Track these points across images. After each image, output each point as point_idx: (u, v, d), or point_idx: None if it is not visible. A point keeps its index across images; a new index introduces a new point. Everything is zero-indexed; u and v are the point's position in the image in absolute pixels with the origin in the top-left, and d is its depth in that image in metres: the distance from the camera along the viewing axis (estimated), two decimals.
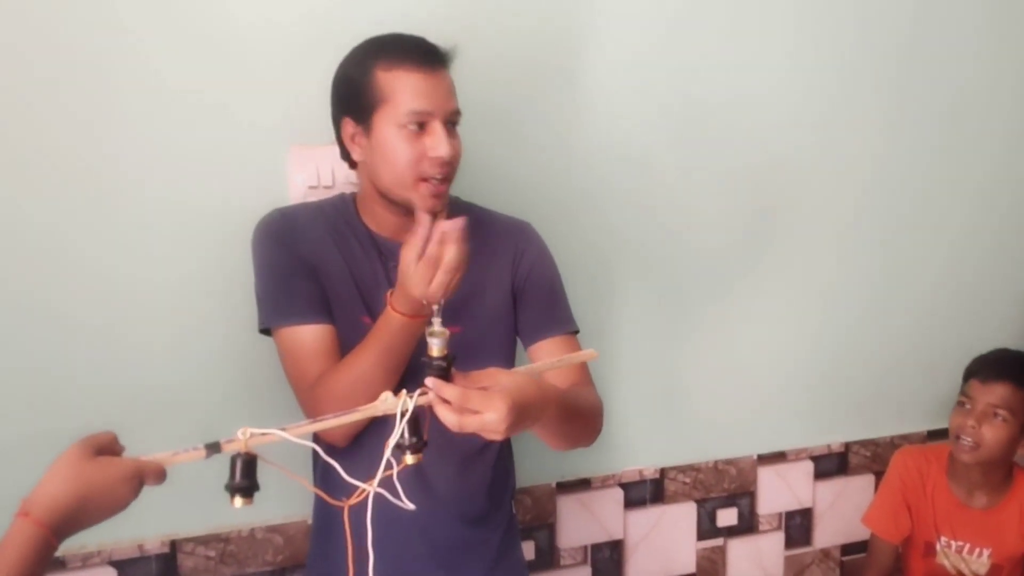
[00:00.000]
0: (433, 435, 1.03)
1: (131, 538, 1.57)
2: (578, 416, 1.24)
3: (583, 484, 1.87)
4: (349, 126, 1.28)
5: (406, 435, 1.00)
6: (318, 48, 1.52)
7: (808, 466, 2.07)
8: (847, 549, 2.12)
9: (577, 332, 1.42)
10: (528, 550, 1.82)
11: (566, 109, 1.76)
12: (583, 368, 1.37)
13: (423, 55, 1.24)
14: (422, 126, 1.23)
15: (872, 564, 1.95)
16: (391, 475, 1.01)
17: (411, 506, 1.01)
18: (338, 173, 1.57)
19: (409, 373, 1.03)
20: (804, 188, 1.97)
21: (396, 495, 1.01)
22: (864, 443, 2.11)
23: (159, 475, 0.97)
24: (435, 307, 1.01)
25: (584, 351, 1.13)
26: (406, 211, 1.28)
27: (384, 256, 1.33)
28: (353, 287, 1.32)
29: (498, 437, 1.00)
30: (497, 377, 1.02)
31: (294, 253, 1.30)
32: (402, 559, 1.33)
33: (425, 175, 1.24)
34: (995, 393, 1.77)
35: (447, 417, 0.99)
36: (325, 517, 1.40)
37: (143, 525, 1.57)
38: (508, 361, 1.41)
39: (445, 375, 1.01)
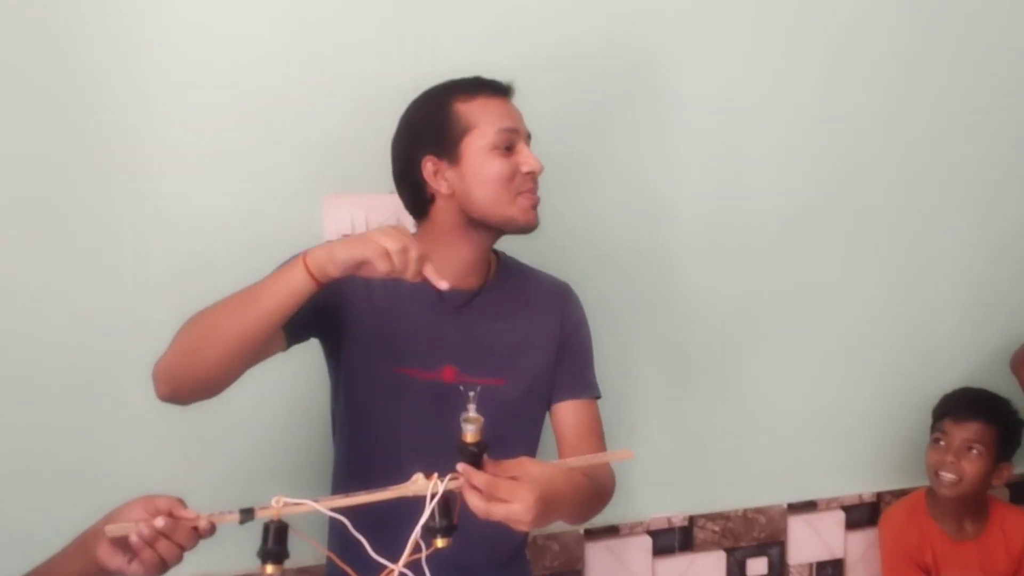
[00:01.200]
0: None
1: None
2: (596, 502, 1.27)
3: (611, 531, 1.87)
4: (430, 163, 1.32)
5: (436, 517, 1.02)
6: (352, 102, 1.60)
7: (839, 515, 2.05)
8: None
9: (599, 398, 1.45)
10: None
11: (592, 162, 1.79)
12: (602, 438, 1.40)
13: (497, 86, 1.35)
14: (510, 148, 1.30)
15: None
16: (420, 557, 1.02)
17: None
18: (371, 221, 1.61)
19: (441, 456, 1.04)
20: (825, 234, 1.98)
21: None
22: (896, 493, 2.08)
23: (191, 536, 1.00)
24: (471, 393, 1.02)
25: (620, 451, 1.13)
26: (490, 247, 1.36)
27: (446, 303, 1.35)
28: (392, 337, 1.34)
29: (524, 528, 1.01)
30: (527, 467, 1.04)
31: (336, 284, 1.21)
32: None
33: (520, 189, 1.31)
34: (969, 429, 1.89)
35: (476, 504, 1.01)
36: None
37: (180, 567, 1.59)
38: (540, 417, 1.43)
39: (477, 462, 1.02)
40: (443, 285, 1.12)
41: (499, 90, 1.34)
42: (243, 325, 1.14)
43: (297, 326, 1.26)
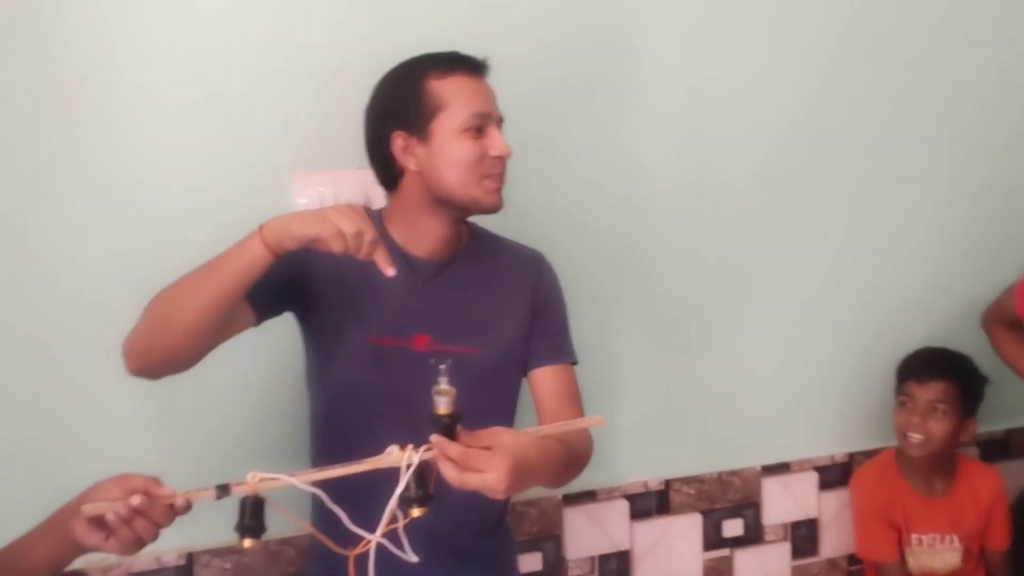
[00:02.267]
0: None
1: (150, 551, 1.59)
2: (572, 467, 1.29)
3: (588, 496, 1.90)
4: (400, 139, 1.33)
5: (412, 488, 1.03)
6: (320, 77, 1.59)
7: (812, 476, 2.10)
8: (854, 559, 2.14)
9: (575, 364, 1.47)
10: (535, 561, 1.87)
11: (565, 131, 1.80)
12: (579, 402, 1.42)
13: (472, 64, 1.34)
14: (480, 130, 1.30)
15: None
16: (397, 527, 1.04)
17: (415, 558, 1.04)
18: (339, 197, 1.61)
19: (417, 424, 1.05)
20: (802, 202, 2.01)
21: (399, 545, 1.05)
22: (868, 453, 2.12)
23: (167, 513, 1.03)
24: (442, 366, 1.04)
25: (592, 418, 1.16)
26: (458, 220, 1.37)
27: (414, 272, 1.36)
28: (363, 306, 1.36)
29: (499, 496, 1.03)
30: (500, 437, 1.05)
31: (303, 256, 1.25)
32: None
33: (487, 173, 1.32)
34: (933, 390, 1.94)
35: (450, 474, 1.02)
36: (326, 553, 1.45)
37: (162, 538, 1.60)
38: (516, 384, 1.46)
39: (450, 433, 1.04)
40: (390, 272, 1.15)
41: (474, 69, 1.33)
42: (205, 297, 1.16)
43: (264, 299, 1.28)
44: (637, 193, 1.87)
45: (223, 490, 1.04)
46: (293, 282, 1.32)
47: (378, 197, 1.49)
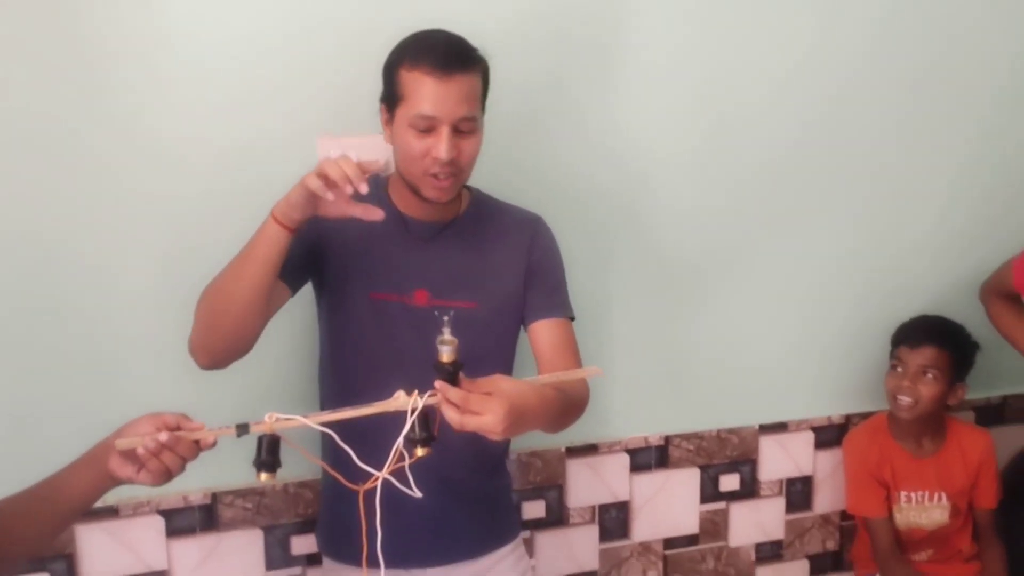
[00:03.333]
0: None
1: (177, 490, 1.72)
2: (569, 414, 1.37)
3: (591, 449, 2.00)
4: (383, 111, 1.42)
5: (416, 430, 1.12)
6: (345, 47, 1.67)
7: (809, 436, 2.18)
8: (845, 515, 2.23)
9: (573, 319, 1.55)
10: (539, 509, 1.97)
11: (580, 104, 1.87)
12: (576, 354, 1.50)
13: (442, 60, 1.33)
14: (429, 129, 1.34)
15: (876, 543, 2.08)
16: (404, 466, 1.13)
17: (419, 494, 1.14)
18: (362, 160, 1.66)
19: (420, 374, 1.14)
20: (809, 170, 2.06)
21: (407, 483, 1.14)
22: (863, 415, 2.20)
23: (192, 448, 1.13)
24: (445, 318, 1.12)
25: (588, 368, 1.25)
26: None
27: (412, 234, 1.45)
28: (366, 264, 1.45)
29: (496, 437, 1.12)
30: (499, 383, 1.14)
31: (314, 226, 1.37)
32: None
33: (428, 170, 1.36)
34: (924, 355, 2.01)
35: (451, 416, 1.12)
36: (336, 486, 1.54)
37: (188, 479, 1.66)
38: (514, 336, 1.55)
39: (453, 379, 1.13)
40: (377, 215, 1.26)
41: (443, 67, 1.32)
42: (245, 287, 1.29)
43: (293, 274, 1.41)
44: (642, 156, 1.93)
45: (243, 428, 1.14)
46: (310, 250, 1.44)
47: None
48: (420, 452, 1.13)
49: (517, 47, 1.76)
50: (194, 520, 1.74)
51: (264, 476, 1.13)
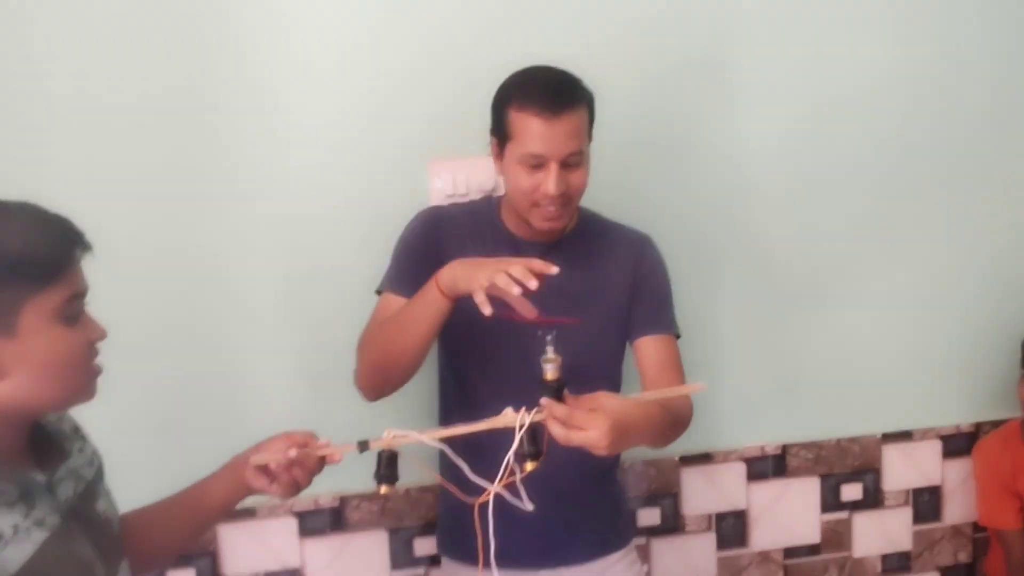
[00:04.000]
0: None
1: (309, 494, 1.80)
2: (673, 429, 1.39)
3: (705, 458, 2.00)
4: (493, 144, 1.48)
5: (525, 445, 1.17)
6: (456, 75, 1.76)
7: (936, 445, 2.10)
8: (979, 527, 2.14)
9: (679, 337, 1.56)
10: (654, 516, 1.99)
11: (687, 123, 1.90)
12: (681, 370, 1.51)
13: (549, 101, 1.38)
14: (538, 166, 1.40)
15: (1010, 556, 2.01)
16: (515, 480, 1.18)
17: (531, 507, 1.18)
18: (472, 182, 1.78)
19: (523, 391, 1.19)
20: (923, 176, 2.01)
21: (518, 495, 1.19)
22: (994, 423, 2.11)
23: (319, 464, 1.22)
24: (549, 337, 1.17)
25: (692, 384, 1.27)
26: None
27: (522, 254, 1.50)
28: None
29: (601, 452, 1.15)
30: (602, 400, 1.18)
31: (429, 240, 1.51)
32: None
33: (538, 204, 1.42)
34: None
35: (557, 432, 1.16)
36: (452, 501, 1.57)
37: (318, 484, 1.78)
38: (619, 352, 1.57)
39: (558, 396, 1.17)
40: (553, 270, 1.29)
41: (550, 108, 1.37)
42: (412, 344, 1.40)
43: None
44: (753, 169, 1.93)
45: (363, 445, 1.22)
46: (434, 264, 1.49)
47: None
48: (529, 466, 1.18)
49: (624, 73, 1.80)
50: (324, 521, 1.85)
51: (384, 489, 1.21)
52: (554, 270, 1.28)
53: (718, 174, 1.92)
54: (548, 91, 1.39)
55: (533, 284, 1.24)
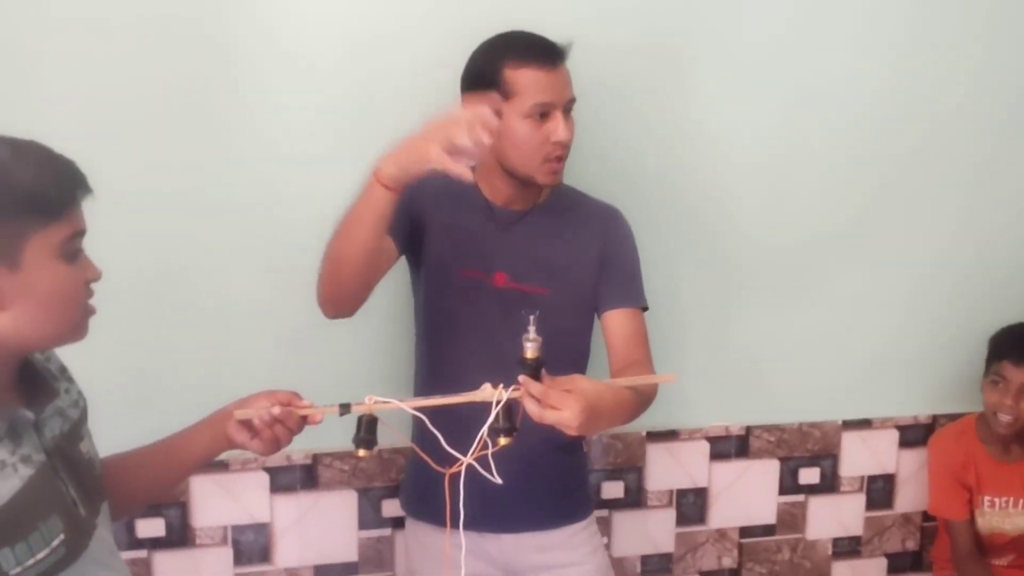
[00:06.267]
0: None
1: (282, 451, 1.85)
2: (638, 410, 1.43)
3: (671, 435, 2.05)
4: (467, 99, 1.48)
5: (500, 420, 1.21)
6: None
7: (893, 434, 2.17)
8: (928, 516, 2.21)
9: (646, 309, 1.60)
10: (617, 489, 2.04)
11: (660, 100, 1.91)
12: (647, 344, 1.55)
13: (547, 54, 1.44)
14: (544, 115, 1.43)
15: (955, 546, 2.08)
16: (487, 454, 1.22)
17: (500, 481, 1.22)
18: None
19: (496, 352, 1.23)
20: (897, 166, 2.05)
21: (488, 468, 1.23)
22: (952, 416, 2.17)
23: (300, 423, 1.24)
24: (531, 317, 1.20)
25: (664, 374, 1.31)
26: (524, 183, 1.50)
27: (496, 221, 1.53)
28: (457, 244, 1.55)
29: (572, 432, 1.19)
30: (578, 382, 1.21)
31: (414, 197, 1.46)
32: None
33: (548, 156, 1.46)
34: None
35: (532, 409, 1.19)
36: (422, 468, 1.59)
37: (294, 441, 1.87)
38: (588, 324, 1.62)
39: (535, 375, 1.21)
40: (468, 177, 1.26)
41: (548, 60, 1.44)
42: (358, 248, 1.37)
43: (400, 232, 1.50)
44: (730, 151, 1.96)
45: (345, 408, 1.24)
46: (411, 221, 1.53)
47: None
48: (503, 441, 1.21)
49: (598, 45, 1.79)
50: (296, 478, 1.88)
51: (362, 452, 1.24)
52: (470, 177, 1.26)
53: (689, 157, 1.94)
54: (542, 44, 1.46)
55: (487, 139, 1.24)
